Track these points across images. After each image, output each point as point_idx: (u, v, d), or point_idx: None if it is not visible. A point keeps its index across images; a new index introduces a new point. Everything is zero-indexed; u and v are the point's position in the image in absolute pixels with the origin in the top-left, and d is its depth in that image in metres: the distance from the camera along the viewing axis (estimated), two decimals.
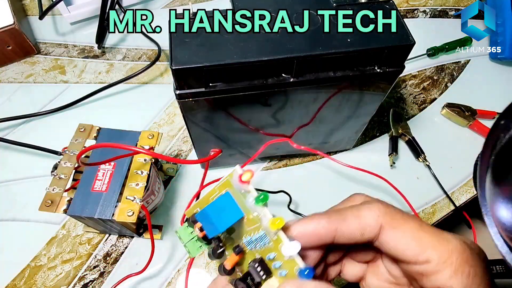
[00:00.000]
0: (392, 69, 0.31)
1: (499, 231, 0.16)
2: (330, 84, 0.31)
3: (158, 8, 0.59)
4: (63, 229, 0.39)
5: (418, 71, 0.53)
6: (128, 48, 0.54)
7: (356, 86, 0.32)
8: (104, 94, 0.49)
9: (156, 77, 0.51)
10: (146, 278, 0.37)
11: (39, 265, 0.37)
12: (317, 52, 0.28)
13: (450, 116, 0.48)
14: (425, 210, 0.42)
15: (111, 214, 0.31)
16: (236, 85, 0.29)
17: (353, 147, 0.46)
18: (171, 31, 0.28)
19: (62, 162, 0.33)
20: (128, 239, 0.39)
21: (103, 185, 0.32)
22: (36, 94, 0.49)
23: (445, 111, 0.48)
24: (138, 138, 0.35)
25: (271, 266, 0.19)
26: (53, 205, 0.31)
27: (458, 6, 0.61)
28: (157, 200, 0.39)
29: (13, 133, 0.46)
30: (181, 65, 0.26)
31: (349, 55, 0.28)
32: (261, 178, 0.43)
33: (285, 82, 0.30)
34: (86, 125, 0.36)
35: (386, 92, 0.34)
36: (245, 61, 0.27)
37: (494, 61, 0.54)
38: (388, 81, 0.33)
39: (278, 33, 0.28)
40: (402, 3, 0.61)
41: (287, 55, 0.27)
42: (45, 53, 0.53)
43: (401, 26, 0.30)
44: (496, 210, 0.16)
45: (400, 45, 0.29)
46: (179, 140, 0.46)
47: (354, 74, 0.30)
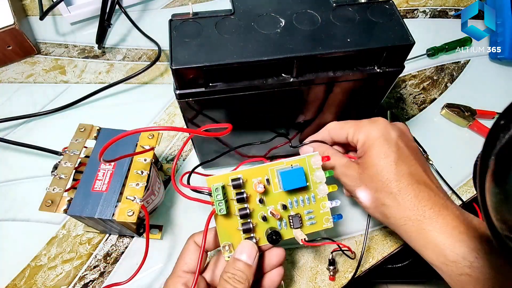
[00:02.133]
0: (392, 69, 0.31)
1: (499, 231, 0.16)
2: (330, 84, 0.31)
3: (158, 8, 0.59)
4: (63, 229, 0.39)
5: (418, 71, 0.53)
6: (128, 48, 0.54)
7: (356, 86, 0.32)
8: (104, 94, 0.49)
9: (156, 77, 0.51)
10: (146, 278, 0.37)
11: (39, 265, 0.37)
12: (317, 52, 0.28)
13: (450, 117, 0.48)
14: None
15: (111, 214, 0.31)
16: (236, 85, 0.29)
17: None
18: (171, 31, 0.28)
19: (62, 162, 0.33)
20: (128, 239, 0.39)
21: (103, 185, 0.32)
22: (36, 94, 0.49)
23: (444, 111, 0.48)
24: (138, 138, 0.35)
25: (304, 220, 0.31)
26: (53, 205, 0.31)
27: (458, 6, 0.61)
28: (157, 200, 0.39)
29: (13, 133, 0.46)
30: (181, 65, 0.26)
31: (349, 55, 0.28)
32: None
33: (285, 82, 0.30)
34: (86, 125, 0.36)
35: (386, 92, 0.34)
36: (245, 61, 0.27)
37: (494, 61, 0.54)
38: (388, 81, 0.33)
39: (278, 33, 0.28)
40: (402, 3, 0.61)
41: (287, 55, 0.27)
42: (45, 53, 0.53)
43: (401, 26, 0.30)
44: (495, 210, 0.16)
45: (400, 45, 0.29)
46: (179, 140, 0.46)
47: (354, 74, 0.30)
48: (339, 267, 0.38)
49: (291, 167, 0.30)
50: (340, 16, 0.30)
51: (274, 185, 0.30)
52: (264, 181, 0.30)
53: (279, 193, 0.30)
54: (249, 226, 0.29)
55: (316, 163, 0.31)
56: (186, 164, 0.44)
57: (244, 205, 0.29)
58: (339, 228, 0.40)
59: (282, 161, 0.30)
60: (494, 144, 0.16)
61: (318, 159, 0.30)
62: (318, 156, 0.30)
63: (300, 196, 0.31)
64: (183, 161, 0.44)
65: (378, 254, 0.39)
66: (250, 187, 0.30)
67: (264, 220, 0.30)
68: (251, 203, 0.30)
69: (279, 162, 0.30)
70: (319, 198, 0.31)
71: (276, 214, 0.30)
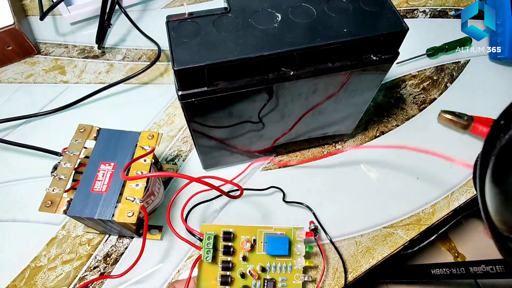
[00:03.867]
0: (388, 55, 0.32)
1: (499, 231, 0.16)
2: (329, 75, 0.32)
3: (158, 8, 0.59)
4: (63, 230, 0.39)
5: (418, 71, 0.53)
6: (128, 48, 0.54)
7: (354, 74, 0.33)
8: (104, 94, 0.49)
9: (156, 77, 0.51)
10: (146, 278, 0.37)
11: (39, 265, 0.37)
12: (316, 44, 0.28)
13: (447, 123, 0.47)
14: (425, 210, 0.42)
15: (111, 215, 0.31)
16: (237, 82, 0.29)
17: (353, 147, 0.46)
18: (169, 32, 0.28)
19: (62, 162, 0.33)
20: (128, 239, 0.39)
21: (103, 185, 0.32)
22: (36, 94, 0.49)
23: (441, 117, 0.47)
24: (138, 138, 0.35)
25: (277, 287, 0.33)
26: (53, 205, 0.31)
27: (458, 6, 0.61)
28: (157, 200, 0.39)
29: (13, 134, 0.46)
30: (183, 66, 0.26)
31: (347, 45, 0.29)
32: (261, 178, 0.43)
33: (286, 76, 0.30)
34: (86, 126, 0.35)
35: (382, 79, 0.35)
36: (246, 57, 0.27)
37: (493, 61, 0.54)
38: (384, 67, 0.33)
39: (276, 28, 0.29)
40: (402, 3, 0.61)
41: (287, 48, 0.28)
42: (45, 53, 0.53)
43: (394, 13, 0.30)
44: (495, 210, 0.16)
45: (395, 32, 0.29)
46: (179, 141, 0.46)
47: (351, 63, 0.31)
48: (338, 268, 0.38)
49: (278, 234, 0.34)
50: (334, 7, 0.30)
51: (259, 247, 0.34)
52: (251, 240, 0.33)
53: (262, 255, 0.34)
54: (227, 279, 0.32)
55: (300, 236, 0.34)
56: (186, 164, 0.44)
57: (228, 258, 0.32)
58: (339, 228, 0.40)
59: (271, 226, 0.34)
60: (494, 144, 0.16)
61: (302, 233, 0.34)
62: (303, 231, 0.34)
63: (279, 262, 0.34)
64: (183, 162, 0.44)
65: (378, 254, 0.39)
66: (237, 243, 0.33)
67: (242, 277, 0.32)
68: (235, 257, 0.33)
69: (268, 226, 0.34)
70: (295, 269, 0.34)
71: (254, 274, 0.32)
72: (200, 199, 0.40)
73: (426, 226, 0.41)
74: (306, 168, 0.44)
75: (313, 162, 0.45)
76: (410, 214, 0.41)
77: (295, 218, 0.40)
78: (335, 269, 0.38)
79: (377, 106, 0.49)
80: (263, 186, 0.42)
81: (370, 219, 0.41)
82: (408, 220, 0.41)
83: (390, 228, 0.41)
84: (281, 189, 0.42)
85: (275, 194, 0.42)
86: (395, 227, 0.41)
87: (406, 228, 0.41)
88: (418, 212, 0.42)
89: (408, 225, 0.41)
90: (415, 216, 0.41)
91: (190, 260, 0.38)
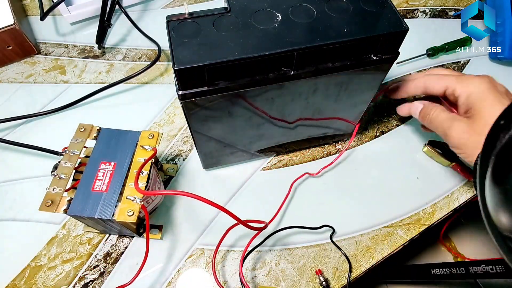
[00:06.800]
0: (388, 55, 0.32)
1: (499, 231, 0.16)
2: (329, 75, 0.32)
3: (158, 8, 0.59)
4: (63, 229, 0.39)
5: (418, 71, 0.53)
6: (128, 48, 0.54)
7: (354, 74, 0.33)
8: (104, 94, 0.49)
9: (156, 77, 0.51)
10: (146, 278, 0.37)
11: (39, 265, 0.37)
12: (316, 43, 0.28)
13: (432, 155, 0.44)
14: (425, 210, 0.42)
15: (111, 214, 0.31)
16: (238, 82, 0.29)
17: (353, 147, 0.46)
18: (169, 32, 0.28)
19: (62, 162, 0.33)
20: (128, 239, 0.39)
21: (103, 185, 0.32)
22: (36, 94, 0.49)
23: (426, 149, 0.45)
24: (138, 138, 0.35)
25: None
26: (53, 205, 0.31)
27: (458, 6, 0.61)
28: (157, 200, 0.39)
29: (13, 133, 0.46)
30: (183, 65, 0.26)
31: (347, 45, 0.29)
32: (261, 178, 0.43)
33: (286, 75, 0.30)
34: (86, 125, 0.36)
35: (382, 79, 0.35)
36: (247, 57, 0.27)
37: (493, 61, 0.54)
38: (384, 67, 0.33)
39: (276, 28, 0.29)
40: (402, 3, 0.61)
41: (288, 48, 0.28)
42: (45, 53, 0.53)
43: (394, 13, 0.30)
44: (495, 210, 0.16)
45: (395, 32, 0.30)
46: (179, 140, 0.46)
47: (352, 63, 0.31)
48: (338, 267, 0.38)
49: None
50: (334, 7, 0.30)
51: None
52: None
53: None
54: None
55: None
56: (187, 164, 0.44)
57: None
58: (339, 228, 0.40)
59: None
60: (494, 144, 0.16)
61: None
62: None
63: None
64: (183, 161, 0.44)
65: (378, 254, 0.39)
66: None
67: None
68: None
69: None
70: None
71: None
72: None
73: (426, 226, 0.41)
74: (307, 168, 0.44)
75: (314, 161, 0.45)
76: (410, 214, 0.41)
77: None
78: (335, 269, 0.38)
79: (377, 106, 0.49)
80: (263, 186, 0.42)
81: (370, 219, 0.41)
82: (408, 219, 0.41)
83: (390, 227, 0.41)
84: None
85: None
86: (395, 226, 0.41)
87: (406, 227, 0.41)
88: (418, 212, 0.42)
89: (408, 224, 0.41)
90: (415, 216, 0.41)
91: (190, 259, 0.38)
